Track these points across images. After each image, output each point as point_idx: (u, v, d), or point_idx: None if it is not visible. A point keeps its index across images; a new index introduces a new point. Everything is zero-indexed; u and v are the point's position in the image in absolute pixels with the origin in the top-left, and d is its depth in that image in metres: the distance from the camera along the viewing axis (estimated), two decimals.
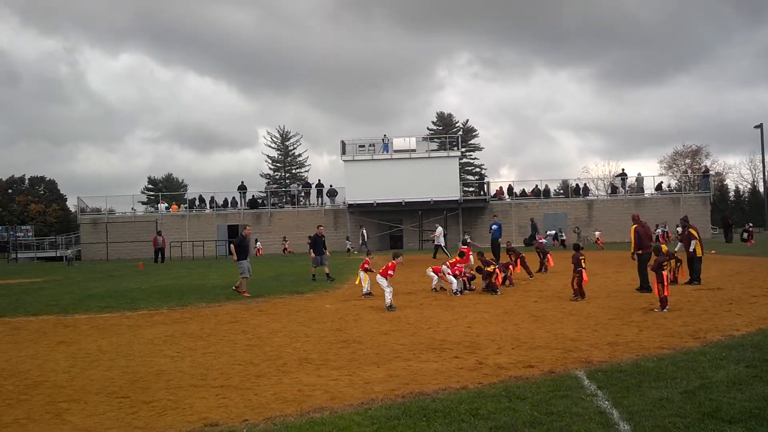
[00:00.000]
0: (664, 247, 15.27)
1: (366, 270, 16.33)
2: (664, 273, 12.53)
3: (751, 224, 41.95)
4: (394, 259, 15.11)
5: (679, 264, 17.09)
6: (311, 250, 21.69)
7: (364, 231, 44.15)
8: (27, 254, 54.56)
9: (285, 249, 47.21)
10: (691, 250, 16.82)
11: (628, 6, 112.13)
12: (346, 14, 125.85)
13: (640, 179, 51.65)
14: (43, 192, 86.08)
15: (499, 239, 28.35)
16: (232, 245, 18.94)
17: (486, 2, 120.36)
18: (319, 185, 53.25)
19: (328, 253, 21.82)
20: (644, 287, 15.37)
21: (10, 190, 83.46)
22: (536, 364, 8.16)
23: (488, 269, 16.71)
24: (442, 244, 33.77)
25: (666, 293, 12.39)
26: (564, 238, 44.24)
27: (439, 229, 34.86)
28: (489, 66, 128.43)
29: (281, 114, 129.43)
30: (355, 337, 10.65)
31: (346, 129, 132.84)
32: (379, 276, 14.65)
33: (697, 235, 17.14)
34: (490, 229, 28.77)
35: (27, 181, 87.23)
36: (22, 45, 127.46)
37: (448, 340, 10.04)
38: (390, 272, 14.68)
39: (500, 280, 17.18)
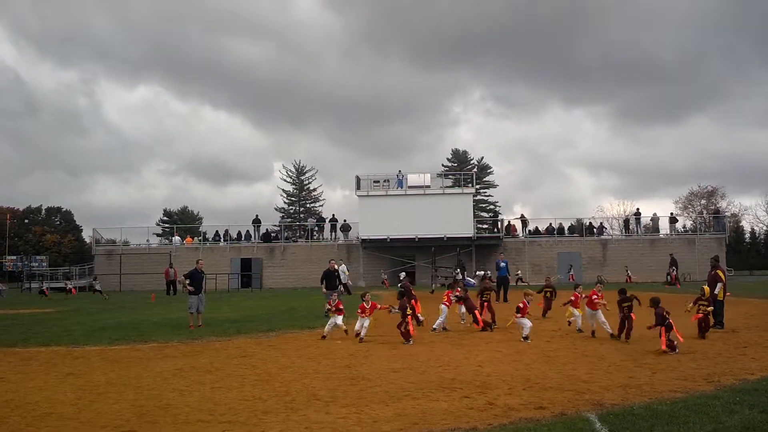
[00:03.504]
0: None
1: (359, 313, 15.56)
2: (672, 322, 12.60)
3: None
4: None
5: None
6: (323, 285, 21.41)
7: (344, 267, 38.69)
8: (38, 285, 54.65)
9: None
10: (715, 292, 16.56)
11: (645, 44, 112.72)
12: (361, 49, 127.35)
13: (655, 219, 51.41)
14: (59, 222, 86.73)
15: (507, 276, 28.50)
16: (183, 277, 19.13)
17: (499, 39, 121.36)
18: (333, 220, 53.37)
19: (341, 288, 21.56)
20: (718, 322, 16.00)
21: (26, 220, 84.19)
22: (548, 405, 8.06)
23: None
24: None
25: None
26: (571, 273, 44.11)
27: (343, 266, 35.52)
28: (503, 103, 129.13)
29: (296, 148, 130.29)
30: (365, 374, 10.58)
31: (360, 164, 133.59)
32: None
33: (723, 278, 16.90)
34: (497, 266, 28.89)
35: (44, 211, 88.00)
36: (40, 76, 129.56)
37: (458, 379, 9.95)
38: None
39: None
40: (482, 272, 42.18)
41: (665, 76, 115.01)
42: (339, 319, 15.47)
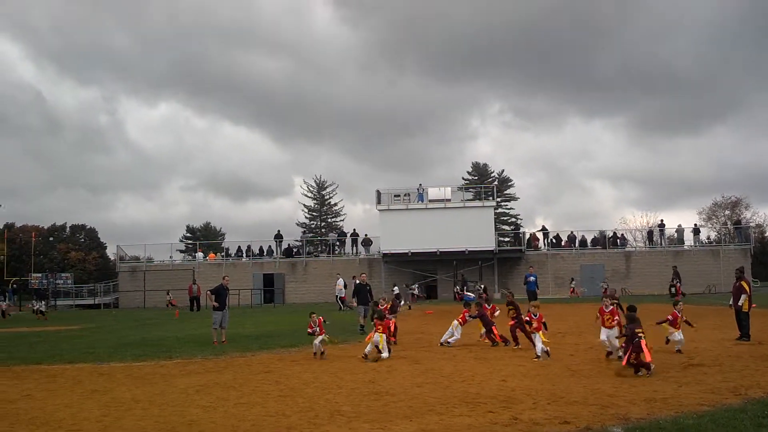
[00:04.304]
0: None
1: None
2: (643, 342, 11.50)
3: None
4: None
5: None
6: (354, 299, 21.23)
7: (342, 280, 38.21)
8: (66, 301, 55.30)
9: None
10: (739, 303, 16.39)
11: (664, 55, 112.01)
12: (378, 63, 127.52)
13: (680, 230, 50.94)
14: (84, 240, 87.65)
15: (536, 291, 27.97)
16: (209, 292, 19.22)
17: (517, 51, 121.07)
18: (354, 234, 53.47)
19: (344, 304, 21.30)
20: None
21: (51, 238, 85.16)
22: (572, 420, 8.00)
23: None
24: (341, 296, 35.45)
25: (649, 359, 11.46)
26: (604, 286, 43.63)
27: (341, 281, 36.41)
28: (521, 115, 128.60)
29: (315, 162, 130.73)
30: (388, 389, 10.56)
31: (380, 178, 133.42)
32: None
33: (748, 290, 16.69)
34: (527, 280, 28.31)
35: (68, 228, 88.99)
36: (61, 94, 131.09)
37: (482, 394, 9.91)
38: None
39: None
40: (481, 287, 42.12)
41: (685, 87, 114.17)
42: (377, 339, 14.85)
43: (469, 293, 40.79)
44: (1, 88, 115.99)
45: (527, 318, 14.78)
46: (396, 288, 43.11)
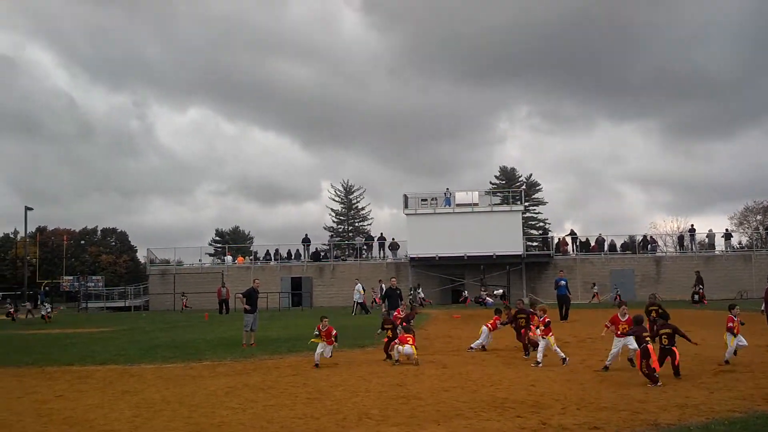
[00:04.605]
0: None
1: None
2: (650, 346, 11.12)
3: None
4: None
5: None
6: (383, 304, 21.24)
7: (360, 286, 38.39)
8: (97, 304, 56.01)
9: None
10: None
11: (697, 58, 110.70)
12: (405, 68, 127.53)
13: (711, 235, 50.25)
14: (115, 243, 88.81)
15: (568, 295, 27.51)
16: (240, 295, 19.40)
17: (545, 55, 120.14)
18: (381, 238, 53.48)
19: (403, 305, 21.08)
20: None
21: (83, 241, 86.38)
22: (602, 425, 7.94)
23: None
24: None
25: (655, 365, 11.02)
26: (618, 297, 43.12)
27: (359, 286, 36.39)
28: (550, 118, 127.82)
29: (343, 167, 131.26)
30: (416, 393, 10.56)
31: (407, 182, 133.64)
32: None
33: None
34: (557, 284, 27.83)
35: (99, 232, 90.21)
36: (93, 100, 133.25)
37: (510, 399, 9.86)
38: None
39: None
40: (500, 291, 41.78)
41: (718, 90, 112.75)
42: (407, 348, 14.69)
43: (488, 298, 40.70)
44: (36, 95, 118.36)
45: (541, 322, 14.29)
46: (420, 288, 43.08)
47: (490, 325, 16.97)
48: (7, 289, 62.56)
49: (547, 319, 14.11)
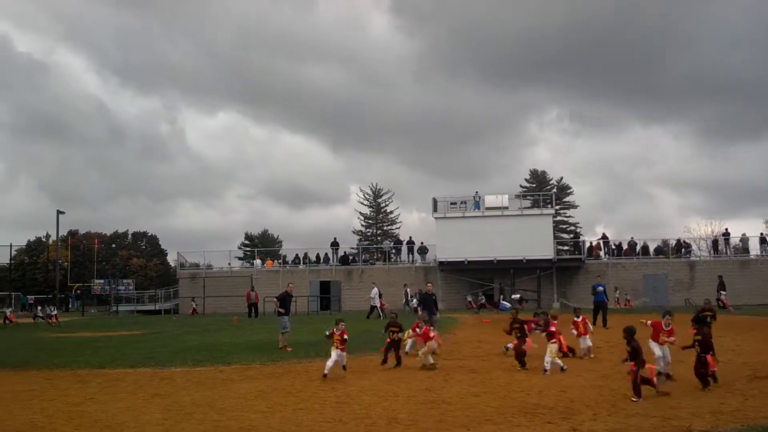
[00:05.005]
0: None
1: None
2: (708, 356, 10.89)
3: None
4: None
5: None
6: (419, 309, 21.09)
7: (377, 290, 37.41)
8: (127, 307, 56.63)
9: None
10: None
11: (732, 62, 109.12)
12: (433, 72, 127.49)
13: (745, 239, 49.39)
14: (145, 247, 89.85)
15: (605, 301, 26.89)
16: (275, 300, 19.51)
17: (574, 57, 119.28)
18: (410, 242, 53.41)
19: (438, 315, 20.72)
20: None
21: (113, 245, 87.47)
22: (633, 431, 7.82)
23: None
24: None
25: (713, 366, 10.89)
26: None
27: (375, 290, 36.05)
28: (580, 121, 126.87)
29: (371, 171, 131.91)
30: (445, 398, 10.50)
31: (435, 186, 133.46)
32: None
33: None
34: (595, 290, 27.15)
35: (130, 236, 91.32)
36: (123, 104, 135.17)
37: (540, 405, 9.76)
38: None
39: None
40: (517, 296, 41.36)
41: (752, 93, 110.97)
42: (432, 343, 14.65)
43: (504, 302, 40.45)
44: (67, 99, 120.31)
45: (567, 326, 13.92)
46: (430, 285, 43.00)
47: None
48: (38, 293, 63.50)
49: (552, 328, 13.82)
